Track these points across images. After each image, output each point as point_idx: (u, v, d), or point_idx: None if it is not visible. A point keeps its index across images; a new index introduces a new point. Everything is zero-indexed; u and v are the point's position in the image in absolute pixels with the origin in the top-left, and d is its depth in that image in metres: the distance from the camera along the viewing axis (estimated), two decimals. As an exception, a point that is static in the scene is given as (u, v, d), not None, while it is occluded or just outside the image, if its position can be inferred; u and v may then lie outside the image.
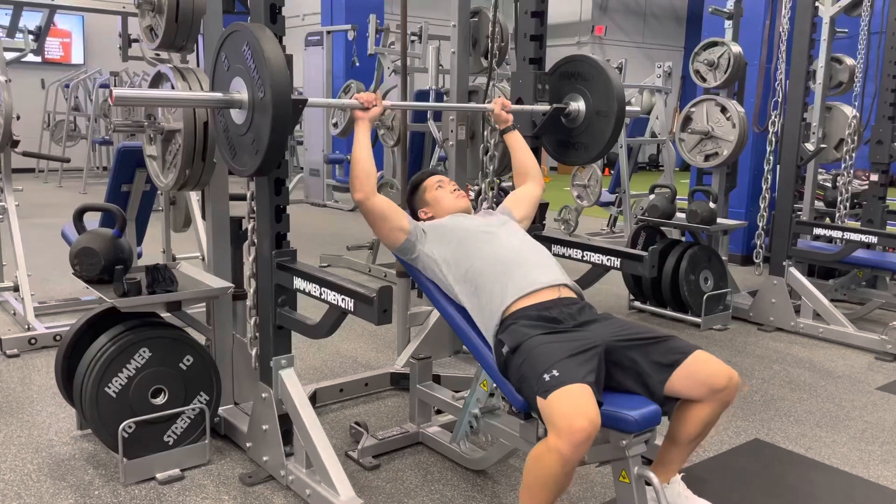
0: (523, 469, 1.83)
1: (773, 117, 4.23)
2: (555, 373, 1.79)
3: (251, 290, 2.42)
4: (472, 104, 2.89)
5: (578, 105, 2.73)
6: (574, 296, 2.14)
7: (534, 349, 1.89)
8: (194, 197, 3.62)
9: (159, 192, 3.80)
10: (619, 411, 1.82)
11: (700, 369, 1.93)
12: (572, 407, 1.72)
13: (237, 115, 2.00)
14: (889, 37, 4.60)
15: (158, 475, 2.38)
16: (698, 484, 2.21)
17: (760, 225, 4.34)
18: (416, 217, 2.45)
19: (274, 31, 2.19)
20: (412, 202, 2.53)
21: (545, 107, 2.76)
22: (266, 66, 1.84)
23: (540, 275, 2.12)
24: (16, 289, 4.03)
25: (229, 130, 2.07)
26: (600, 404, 1.77)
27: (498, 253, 2.17)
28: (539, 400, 1.79)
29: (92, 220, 2.95)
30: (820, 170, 5.27)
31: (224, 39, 2.03)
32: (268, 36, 1.89)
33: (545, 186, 2.67)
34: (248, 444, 2.51)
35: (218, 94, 2.01)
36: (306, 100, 1.98)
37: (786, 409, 3.13)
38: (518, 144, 2.65)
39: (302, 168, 9.55)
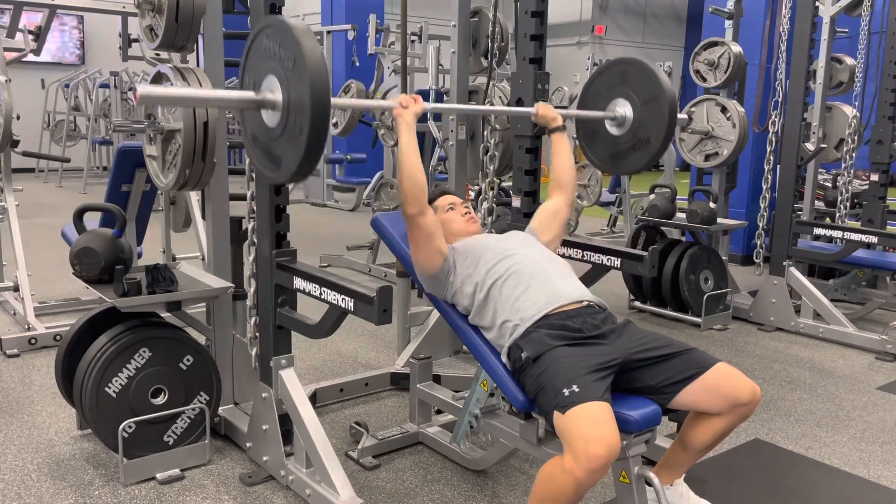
0: (534, 481, 1.82)
1: (773, 117, 4.23)
2: (575, 388, 1.77)
3: (251, 290, 2.42)
4: (516, 108, 2.69)
5: (624, 110, 2.56)
6: (597, 306, 2.11)
7: (554, 361, 1.86)
8: (194, 197, 3.61)
9: (159, 192, 3.80)
10: (620, 411, 1.81)
11: (722, 382, 1.91)
12: (591, 430, 1.69)
13: (269, 118, 1.83)
14: (889, 37, 4.59)
15: (158, 475, 2.38)
16: (698, 484, 2.21)
17: (760, 225, 4.34)
18: None
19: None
20: None
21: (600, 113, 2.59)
22: (304, 64, 1.67)
23: (564, 289, 2.07)
24: (16, 289, 4.03)
25: (260, 134, 1.91)
26: None
27: (521, 269, 2.11)
28: (556, 414, 1.77)
29: (92, 220, 2.94)
30: (820, 170, 5.27)
31: (255, 35, 1.87)
32: (304, 30, 1.73)
33: (573, 200, 2.52)
34: (248, 444, 2.51)
35: (250, 94, 1.84)
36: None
37: (786, 409, 3.13)
38: (562, 148, 2.49)
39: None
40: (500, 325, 2.05)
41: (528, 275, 2.09)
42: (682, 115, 2.68)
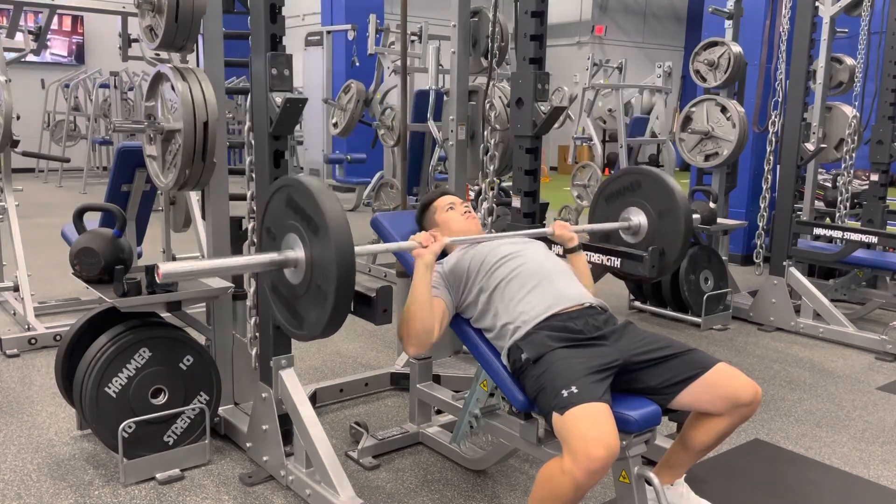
0: (534, 481, 1.83)
1: (773, 117, 4.23)
2: (574, 389, 1.77)
3: (251, 290, 2.42)
4: (532, 230, 2.58)
5: (639, 218, 2.54)
6: (598, 308, 2.10)
7: (554, 363, 1.86)
8: (194, 197, 3.61)
9: (159, 192, 3.80)
10: (620, 411, 1.81)
11: (722, 383, 1.91)
12: (590, 430, 1.69)
13: (292, 275, 1.82)
14: (889, 37, 4.59)
15: (158, 475, 2.38)
16: (698, 484, 2.22)
17: (760, 225, 4.34)
18: None
19: (274, 31, 2.20)
20: (421, 221, 2.45)
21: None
22: (326, 225, 1.64)
23: (567, 291, 2.07)
24: (16, 289, 4.03)
25: (282, 288, 1.88)
26: None
27: (525, 270, 2.11)
28: (555, 415, 1.77)
29: (92, 220, 2.94)
30: (820, 170, 5.27)
31: (273, 194, 1.84)
32: (324, 191, 1.70)
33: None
34: (248, 444, 2.51)
35: (272, 255, 1.81)
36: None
37: (786, 409, 3.13)
38: (580, 268, 2.38)
39: (302, 168, 9.55)
40: (501, 327, 2.05)
41: (531, 276, 2.09)
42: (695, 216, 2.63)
